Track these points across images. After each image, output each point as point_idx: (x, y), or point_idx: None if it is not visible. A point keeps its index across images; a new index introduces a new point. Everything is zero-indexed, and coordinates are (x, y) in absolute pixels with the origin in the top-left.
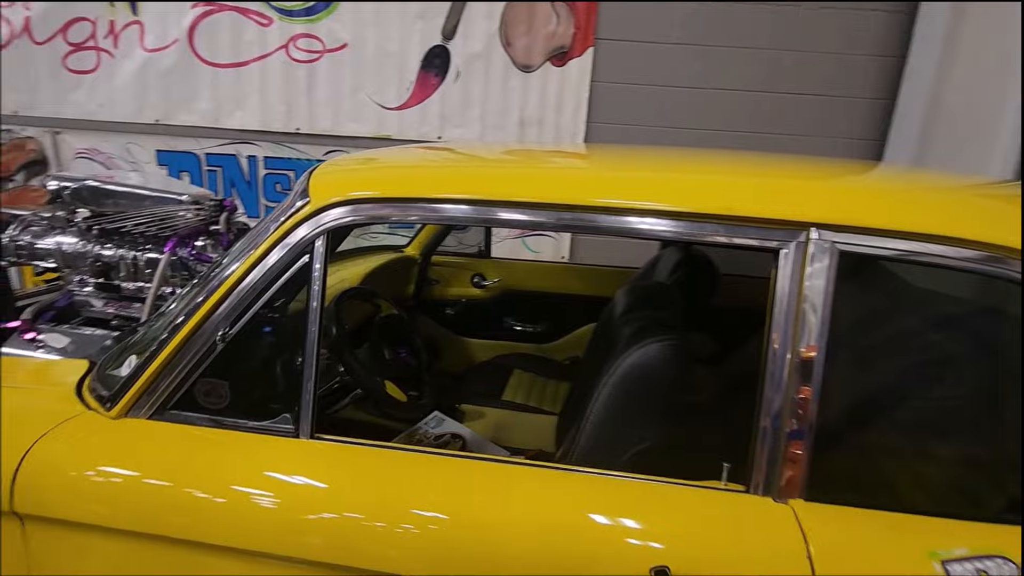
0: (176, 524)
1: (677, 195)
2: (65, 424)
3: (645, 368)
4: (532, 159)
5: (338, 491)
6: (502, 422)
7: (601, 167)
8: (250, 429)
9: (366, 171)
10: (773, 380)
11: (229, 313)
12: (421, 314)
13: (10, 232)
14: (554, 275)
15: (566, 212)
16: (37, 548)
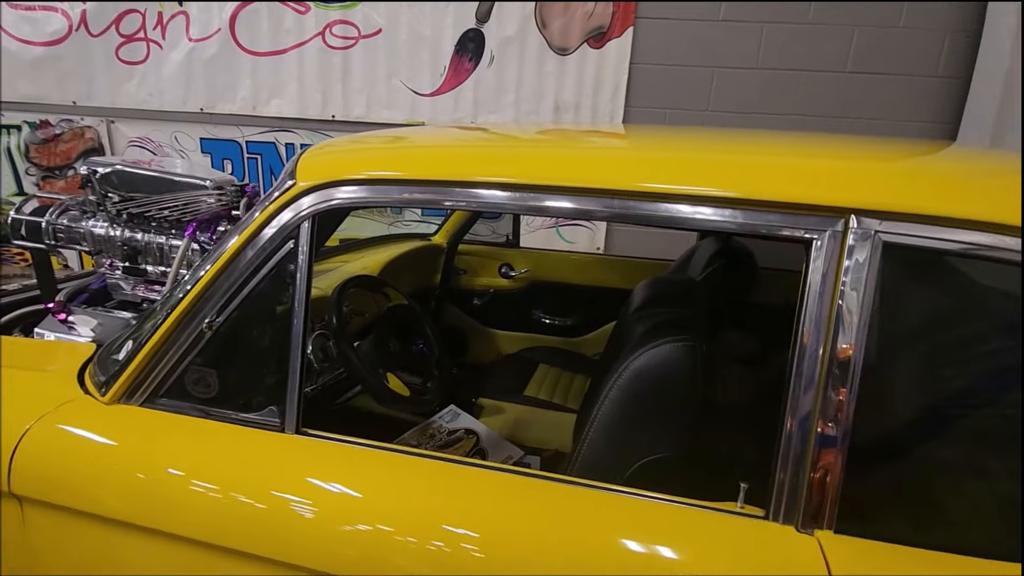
0: (154, 515)
1: (686, 176)
2: (61, 408)
3: (655, 371)
4: (535, 137)
5: (314, 489)
6: (521, 418)
7: (610, 146)
8: (236, 421)
9: (358, 152)
10: (800, 390)
11: (216, 300)
12: (447, 304)
13: (48, 216)
14: (586, 266)
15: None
16: (35, 530)
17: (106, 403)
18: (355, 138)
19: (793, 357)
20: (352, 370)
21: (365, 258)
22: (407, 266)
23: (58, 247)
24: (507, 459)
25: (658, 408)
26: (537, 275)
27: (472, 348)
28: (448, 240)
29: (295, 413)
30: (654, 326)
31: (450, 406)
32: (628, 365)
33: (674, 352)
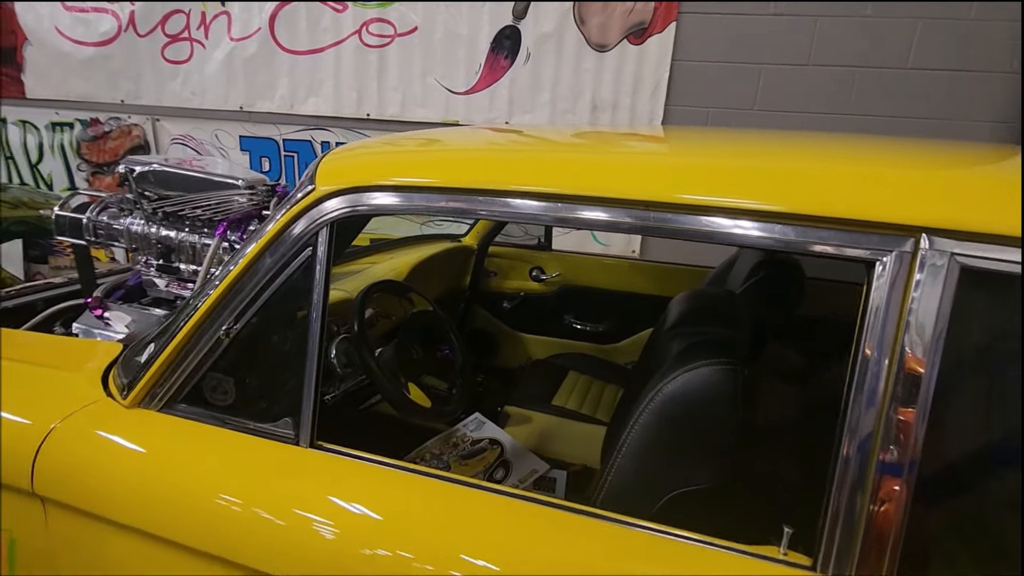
0: (161, 524)
1: (728, 186)
2: (83, 410)
3: (690, 396)
4: (560, 144)
5: (324, 507)
6: (548, 429)
7: (648, 151)
8: (251, 431)
9: (379, 156)
10: (857, 426)
11: (235, 306)
12: (477, 306)
13: (89, 213)
14: (620, 271)
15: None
16: (55, 531)
17: (126, 407)
18: (380, 141)
19: (850, 393)
20: (372, 379)
21: (395, 259)
22: (437, 268)
23: (98, 243)
24: (531, 473)
25: (693, 436)
26: (569, 279)
27: (501, 352)
28: (479, 242)
29: (310, 426)
30: (690, 346)
31: (475, 414)
32: (661, 388)
33: (712, 375)
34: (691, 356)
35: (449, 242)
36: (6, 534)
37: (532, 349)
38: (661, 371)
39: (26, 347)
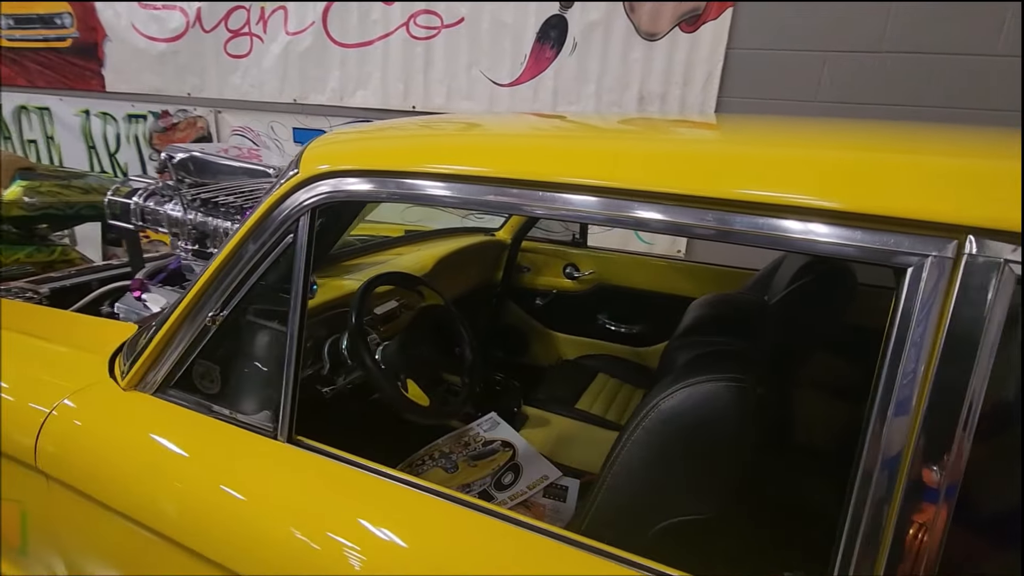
0: (140, 509)
1: (718, 176)
2: (84, 390)
3: (689, 415)
4: (571, 129)
5: (293, 504)
6: (567, 434)
7: (635, 136)
8: (233, 421)
9: (366, 141)
10: (881, 457)
11: (221, 292)
12: (509, 302)
13: (136, 199)
14: (660, 271)
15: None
16: (57, 507)
17: (123, 389)
18: (376, 125)
19: (870, 417)
20: (366, 373)
21: (421, 251)
22: (466, 262)
23: (144, 227)
24: (542, 479)
25: (692, 460)
26: (604, 277)
27: (532, 350)
28: (512, 236)
29: (288, 420)
30: (697, 357)
31: (491, 413)
32: (658, 404)
33: (717, 392)
34: (696, 369)
35: (482, 236)
36: (19, 506)
37: (563, 348)
38: (663, 383)
39: (51, 325)
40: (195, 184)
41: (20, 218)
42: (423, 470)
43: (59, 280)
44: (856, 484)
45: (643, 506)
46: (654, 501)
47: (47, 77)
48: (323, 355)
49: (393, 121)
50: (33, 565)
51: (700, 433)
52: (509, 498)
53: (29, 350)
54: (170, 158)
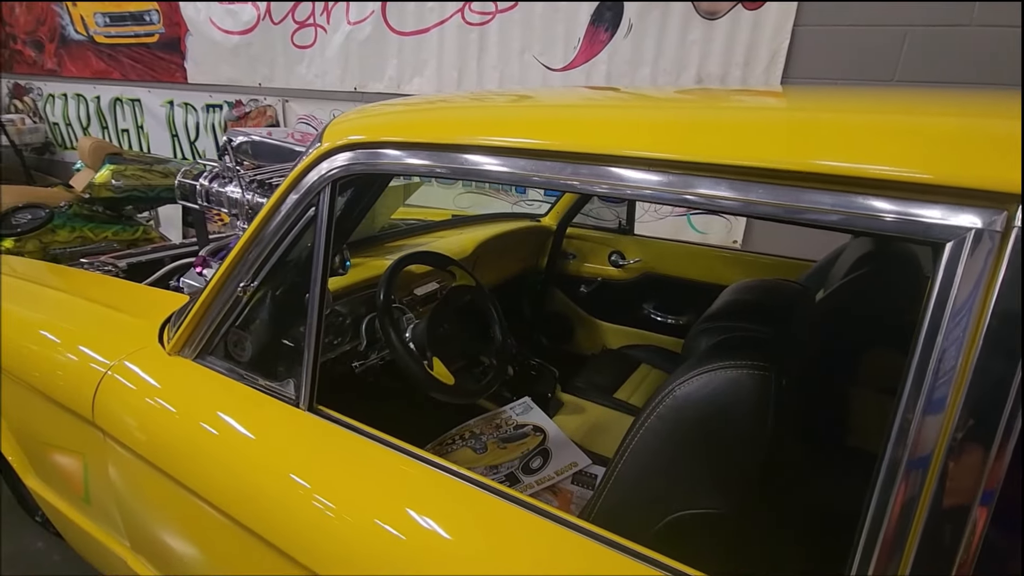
0: (177, 467)
1: (742, 141)
2: (134, 353)
3: (705, 403)
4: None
5: (309, 471)
6: (601, 422)
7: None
8: (260, 388)
9: (389, 115)
10: (908, 456)
11: (250, 263)
12: (553, 289)
13: (202, 180)
14: (711, 262)
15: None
16: (111, 460)
17: (168, 354)
18: (406, 100)
19: (898, 408)
20: (391, 349)
21: (464, 235)
22: (511, 247)
23: (208, 208)
24: (571, 465)
25: (706, 451)
26: (651, 266)
27: (575, 338)
28: (558, 222)
29: (309, 389)
30: (720, 343)
31: (524, 398)
32: (673, 390)
33: (737, 380)
34: (717, 354)
35: (527, 221)
36: (82, 457)
37: (607, 337)
38: (681, 369)
39: (119, 295)
40: (253, 166)
41: (109, 199)
42: (452, 449)
43: (137, 256)
44: (878, 484)
45: (652, 497)
46: (664, 492)
47: (138, 71)
48: (361, 332)
49: (418, 96)
50: (95, 513)
51: (717, 423)
52: (536, 482)
53: (94, 316)
54: (230, 141)
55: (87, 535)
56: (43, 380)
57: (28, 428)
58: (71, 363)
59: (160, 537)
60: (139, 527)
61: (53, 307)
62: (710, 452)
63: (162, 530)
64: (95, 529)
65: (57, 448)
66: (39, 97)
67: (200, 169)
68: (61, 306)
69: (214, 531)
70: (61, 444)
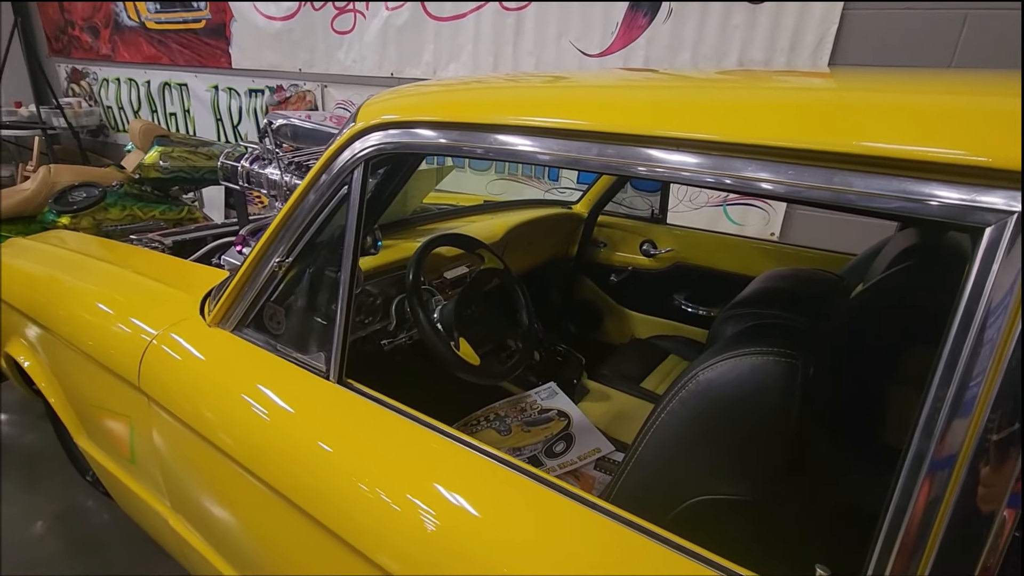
0: (212, 431)
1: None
2: (177, 323)
3: (730, 388)
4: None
5: (337, 439)
6: (626, 411)
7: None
8: (293, 360)
9: (423, 95)
10: (934, 454)
11: (287, 239)
12: (583, 277)
13: (243, 162)
14: (745, 253)
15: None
16: (155, 424)
17: (208, 325)
18: (440, 81)
19: (926, 400)
20: (419, 329)
21: (495, 220)
22: (541, 233)
23: (249, 189)
24: (594, 451)
25: (727, 437)
26: (683, 256)
27: (604, 326)
28: (589, 210)
29: (338, 363)
30: (747, 329)
31: (550, 383)
32: (697, 375)
33: (763, 367)
34: (743, 341)
35: (558, 208)
36: (128, 420)
37: (636, 327)
38: (705, 355)
39: (166, 269)
40: (292, 149)
41: (156, 179)
42: (477, 430)
43: (181, 234)
44: (901, 481)
45: (672, 481)
46: (684, 477)
47: (185, 56)
48: (391, 312)
49: (452, 77)
50: (140, 473)
51: (741, 409)
52: (558, 466)
53: (142, 288)
54: (270, 124)
55: (132, 494)
56: (95, 347)
57: (80, 391)
58: (120, 331)
59: (198, 498)
60: (179, 488)
61: (105, 279)
62: (733, 438)
63: (200, 491)
64: (139, 488)
65: (106, 411)
66: (94, 81)
67: (242, 151)
68: (112, 278)
69: (247, 493)
70: (110, 407)
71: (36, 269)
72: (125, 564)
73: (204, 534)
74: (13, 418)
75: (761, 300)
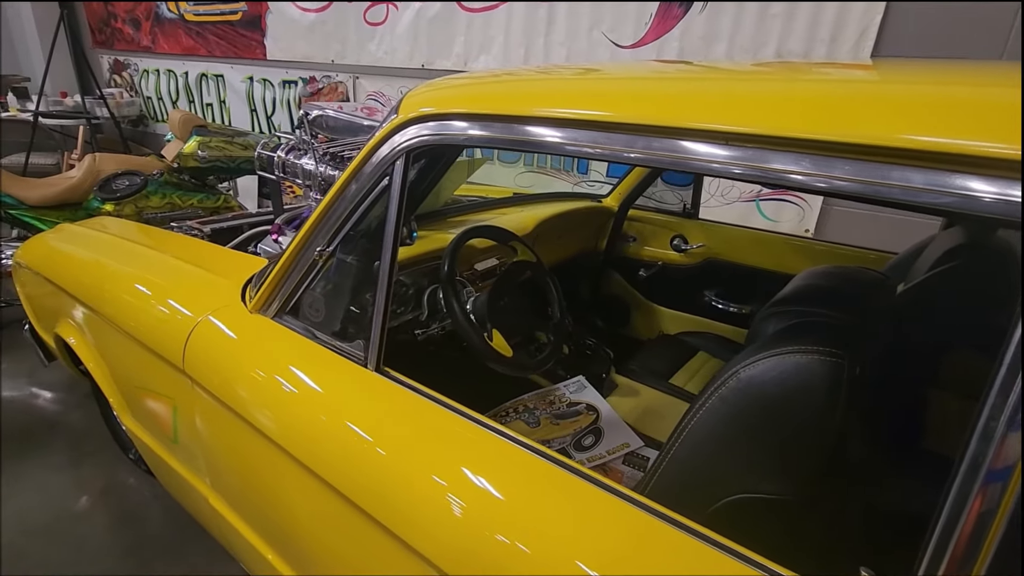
0: (248, 410)
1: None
2: (220, 309)
3: (772, 387)
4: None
5: (373, 426)
6: (655, 407)
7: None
8: (331, 347)
9: (462, 87)
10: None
11: (328, 229)
12: (611, 271)
13: (279, 152)
14: (778, 249)
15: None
16: (197, 406)
17: (249, 311)
18: (481, 73)
19: (983, 409)
20: (453, 319)
21: (525, 212)
22: (571, 226)
23: (284, 178)
24: (623, 446)
25: (769, 435)
26: (715, 252)
27: (632, 322)
28: (619, 203)
29: (376, 351)
30: (790, 327)
31: (578, 377)
32: (738, 372)
33: (807, 366)
34: (787, 339)
35: (588, 201)
36: (171, 401)
37: (665, 323)
38: (746, 352)
39: (208, 256)
40: (327, 140)
41: (194, 169)
42: (506, 421)
43: (219, 222)
44: (954, 489)
45: (709, 478)
46: (722, 474)
47: (222, 47)
48: (423, 302)
49: (494, 69)
50: (181, 453)
51: (783, 408)
52: (587, 459)
53: (187, 274)
54: (306, 115)
55: (174, 472)
56: (141, 330)
57: (125, 372)
58: (165, 315)
59: (237, 479)
60: (219, 468)
61: (150, 264)
62: (773, 437)
63: (240, 473)
64: (181, 467)
65: (150, 392)
66: (135, 72)
67: (277, 142)
68: (157, 264)
69: (287, 477)
70: (154, 388)
71: (84, 254)
72: (166, 539)
73: (243, 514)
74: (61, 396)
75: (803, 297)
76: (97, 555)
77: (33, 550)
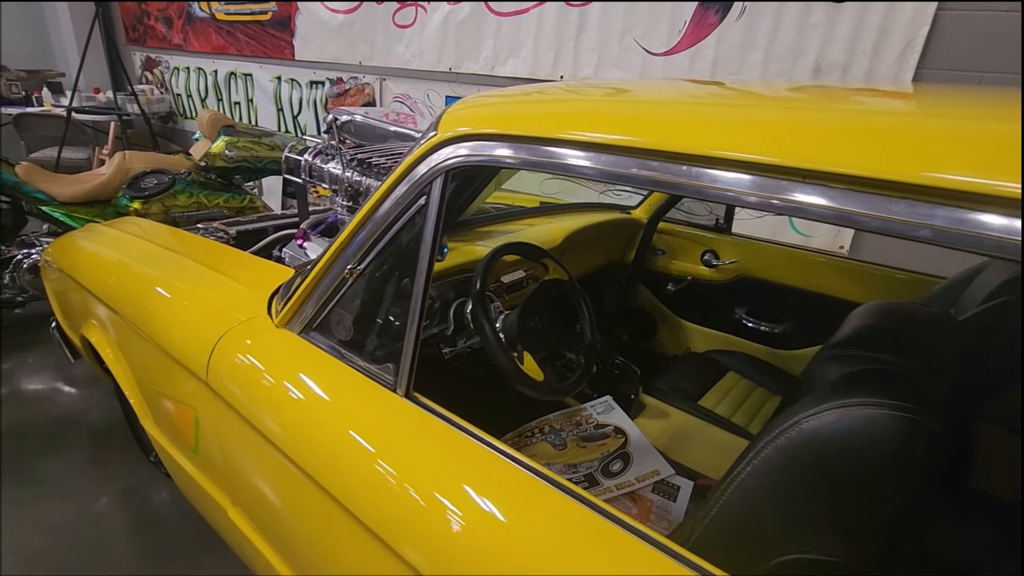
0: (270, 429)
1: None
2: (245, 322)
3: (836, 442)
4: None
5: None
6: (685, 430)
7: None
8: (358, 369)
9: (506, 105)
10: None
11: (359, 247)
12: (639, 285)
13: (306, 156)
14: (814, 268)
15: None
16: (220, 419)
17: (275, 326)
18: (522, 89)
19: None
20: (484, 341)
21: (553, 224)
22: (599, 239)
23: (311, 183)
24: (653, 473)
25: (834, 493)
26: (747, 268)
27: (659, 337)
28: (649, 216)
29: (407, 376)
30: (854, 374)
31: (606, 397)
32: (799, 423)
33: (879, 421)
34: (852, 388)
35: (617, 213)
36: (194, 411)
37: (693, 340)
38: (806, 400)
39: (232, 263)
40: (354, 145)
41: (222, 168)
42: (531, 442)
43: (244, 224)
44: None
45: (762, 535)
46: (778, 532)
47: (252, 47)
48: (449, 317)
49: (539, 85)
50: (202, 463)
51: (849, 465)
52: (616, 487)
53: (213, 283)
54: (335, 120)
55: (193, 481)
56: (166, 339)
57: (149, 379)
58: (190, 326)
59: (259, 496)
60: (241, 483)
61: (177, 271)
62: (837, 495)
63: (261, 491)
64: (201, 477)
65: (173, 400)
66: (166, 70)
67: (305, 146)
68: (184, 270)
69: (309, 499)
70: (177, 397)
71: (112, 256)
72: (184, 543)
73: (263, 532)
74: (85, 392)
75: (865, 341)
76: (113, 557)
77: (49, 550)
